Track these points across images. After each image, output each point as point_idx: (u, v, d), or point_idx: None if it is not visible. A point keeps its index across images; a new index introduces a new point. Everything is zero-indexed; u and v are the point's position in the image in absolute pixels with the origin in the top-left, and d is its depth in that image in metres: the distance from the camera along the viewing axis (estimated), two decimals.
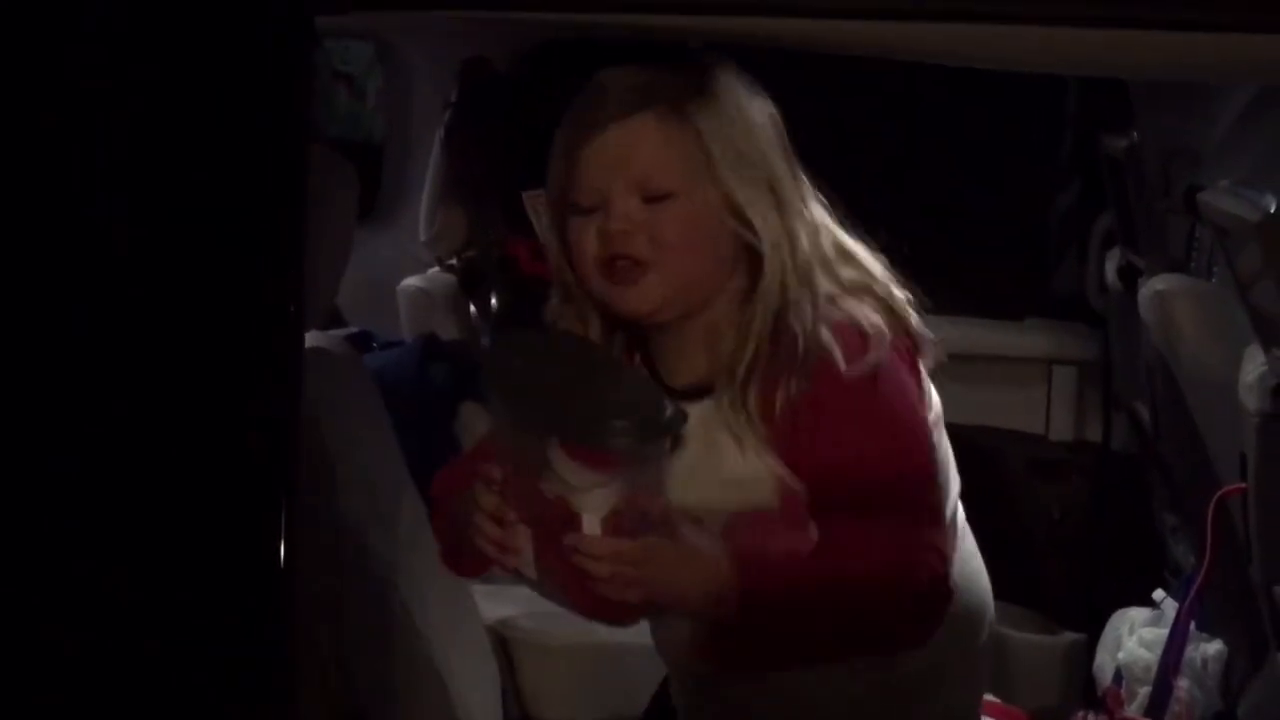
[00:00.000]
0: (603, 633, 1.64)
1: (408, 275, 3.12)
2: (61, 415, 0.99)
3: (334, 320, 2.12)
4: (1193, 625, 2.65)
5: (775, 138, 1.54)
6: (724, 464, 1.49)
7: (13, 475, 0.98)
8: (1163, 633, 2.70)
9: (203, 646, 1.03)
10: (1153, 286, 2.60)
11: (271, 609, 1.03)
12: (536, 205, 1.68)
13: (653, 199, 1.48)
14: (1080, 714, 2.89)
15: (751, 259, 1.50)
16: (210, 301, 1.02)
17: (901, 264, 1.60)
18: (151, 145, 1.02)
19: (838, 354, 1.46)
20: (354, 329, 2.83)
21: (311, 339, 1.83)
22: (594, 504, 1.38)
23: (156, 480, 1.01)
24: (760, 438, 1.47)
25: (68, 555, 1.01)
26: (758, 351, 1.47)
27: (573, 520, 1.38)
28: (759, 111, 1.53)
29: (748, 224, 1.49)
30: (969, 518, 3.43)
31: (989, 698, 3.10)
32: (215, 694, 1.04)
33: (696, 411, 1.48)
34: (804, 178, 1.55)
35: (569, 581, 1.41)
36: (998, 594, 3.39)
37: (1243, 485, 2.25)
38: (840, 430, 1.47)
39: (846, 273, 1.53)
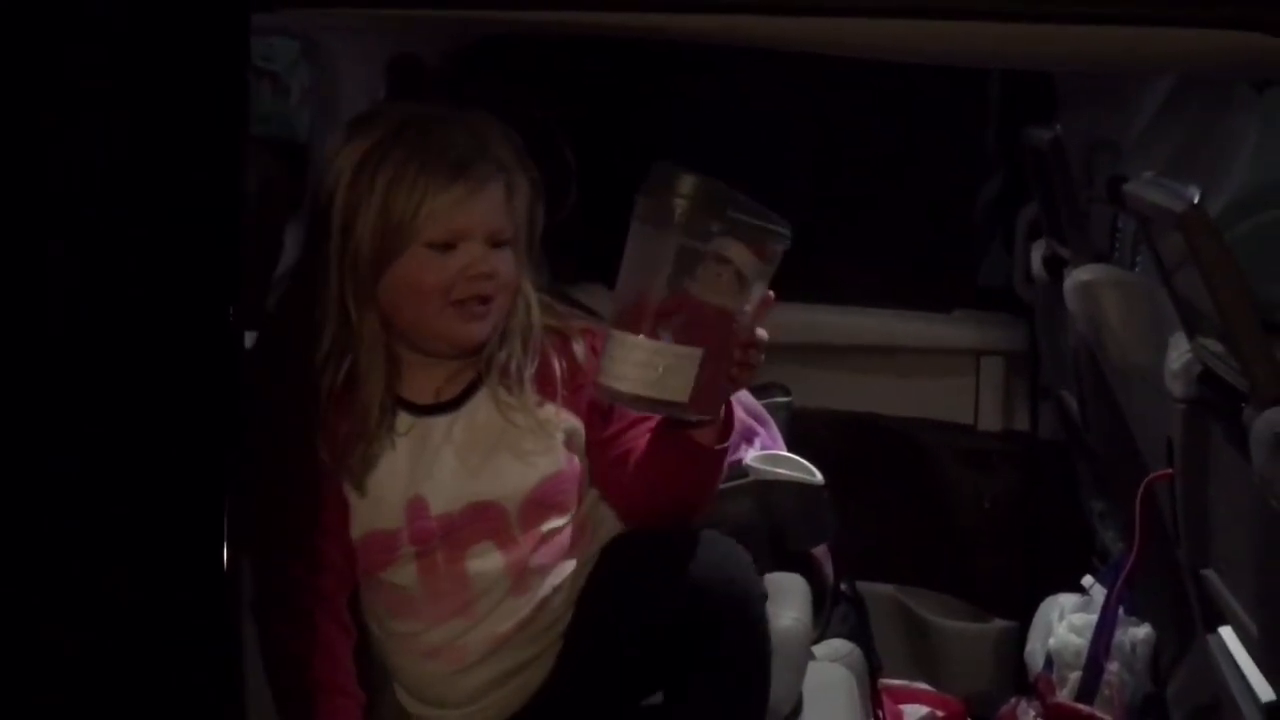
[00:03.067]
0: None
1: None
2: None
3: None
4: (1121, 610, 2.68)
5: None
6: (516, 439, 1.80)
7: None
8: (1092, 618, 2.73)
9: (143, 648, 1.02)
10: (1078, 277, 2.63)
11: (214, 610, 1.02)
12: None
13: (496, 245, 1.76)
14: (1013, 700, 2.92)
15: None
16: (147, 303, 1.01)
17: None
18: (85, 144, 1.01)
19: (588, 337, 1.86)
20: None
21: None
22: (745, 306, 1.61)
23: (94, 481, 1.00)
24: (541, 406, 1.81)
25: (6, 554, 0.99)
26: (525, 354, 1.81)
27: (729, 325, 1.60)
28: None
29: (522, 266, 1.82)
30: (900, 507, 3.48)
31: (923, 686, 3.14)
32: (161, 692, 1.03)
33: (464, 413, 1.80)
34: None
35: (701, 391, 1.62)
36: (930, 584, 3.46)
37: (1170, 471, 2.28)
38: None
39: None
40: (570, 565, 1.84)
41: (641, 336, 1.56)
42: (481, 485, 1.80)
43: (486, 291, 1.75)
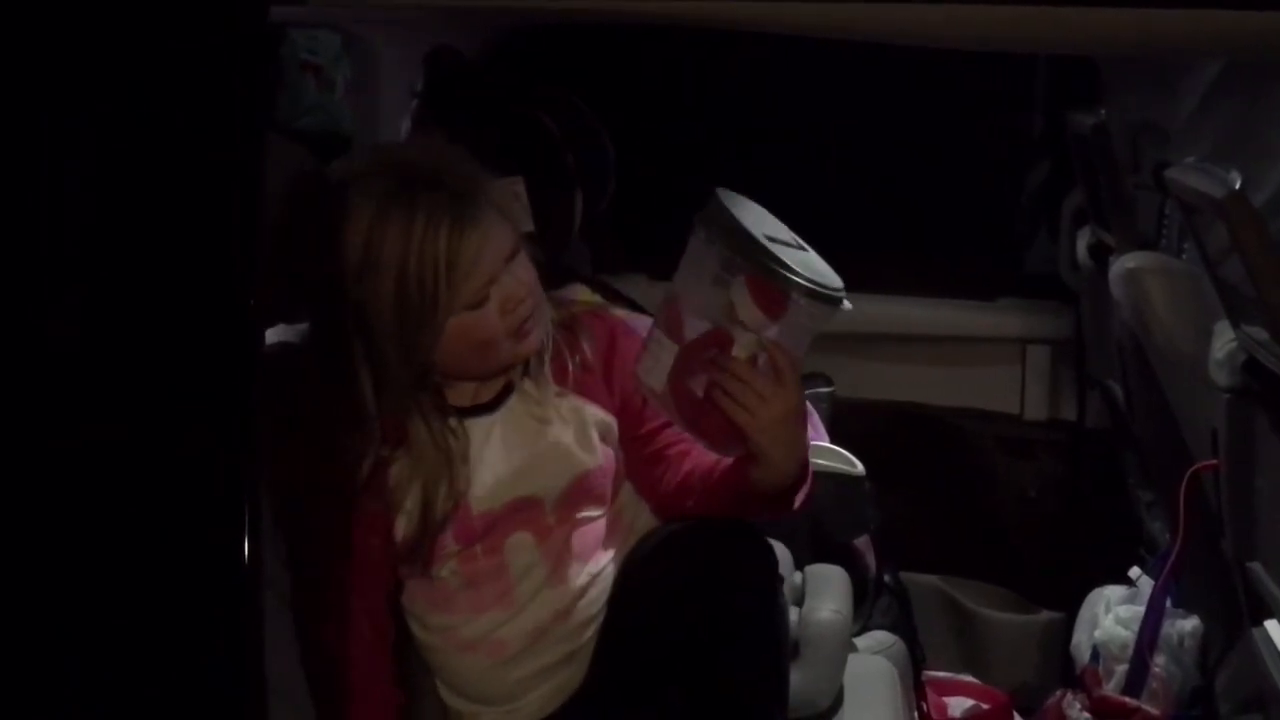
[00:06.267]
0: None
1: None
2: (11, 413, 0.97)
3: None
4: (1169, 602, 2.65)
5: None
6: (553, 436, 1.82)
7: None
8: (1139, 610, 2.70)
9: (164, 642, 1.02)
10: (1123, 264, 2.60)
11: (235, 610, 1.02)
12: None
13: (511, 259, 1.75)
14: (1058, 693, 2.89)
15: None
16: (164, 296, 1.01)
17: None
18: (105, 136, 1.01)
19: (594, 323, 1.88)
20: None
21: (281, 332, 1.82)
22: (749, 342, 1.63)
23: (113, 479, 1.00)
24: (564, 398, 1.83)
25: (24, 558, 0.99)
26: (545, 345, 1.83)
27: (725, 348, 1.64)
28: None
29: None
30: (945, 497, 3.46)
31: (968, 678, 3.12)
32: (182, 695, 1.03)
33: (502, 415, 1.82)
34: None
35: (694, 401, 1.66)
36: (974, 574, 3.44)
37: (1214, 461, 2.25)
38: (628, 354, 1.81)
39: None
40: (607, 558, 1.85)
41: (654, 327, 1.68)
42: (522, 483, 1.81)
43: (530, 309, 1.76)
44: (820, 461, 2.61)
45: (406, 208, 1.68)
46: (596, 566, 1.84)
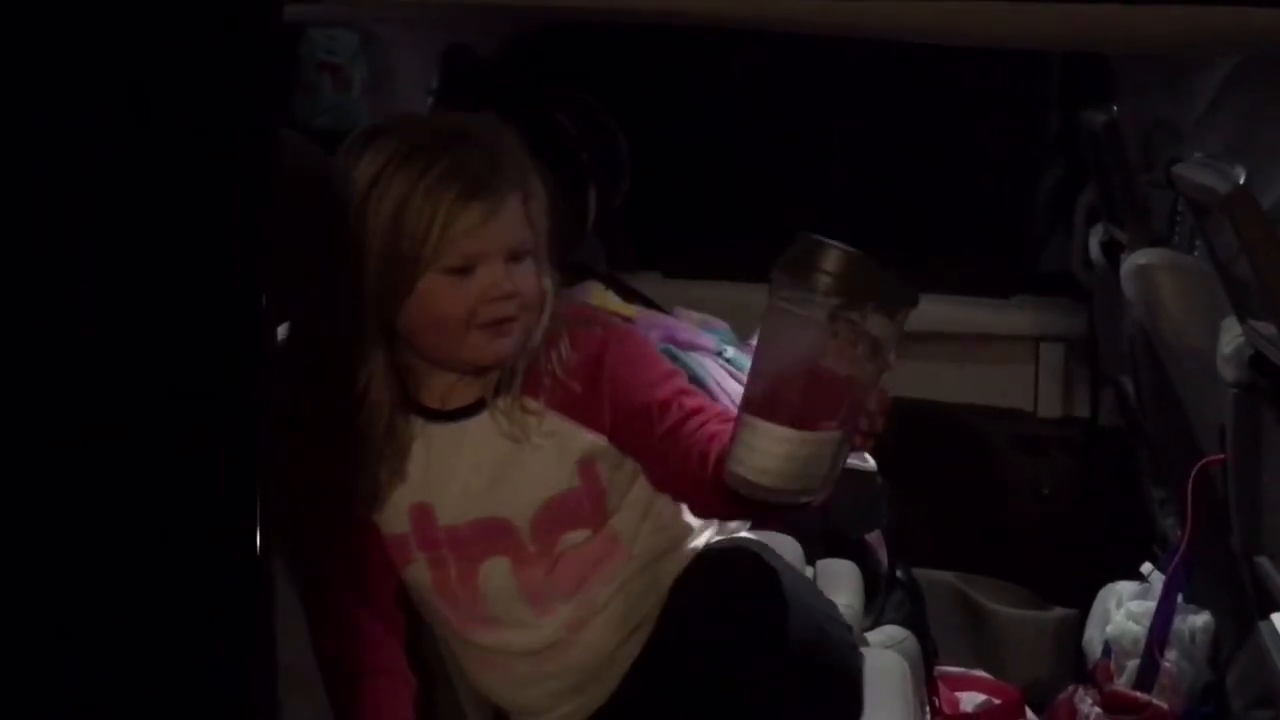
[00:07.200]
0: None
1: None
2: (20, 411, 0.98)
3: None
4: (1181, 597, 2.66)
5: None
6: (524, 456, 1.73)
7: None
8: (1151, 606, 2.70)
9: (171, 648, 1.03)
10: (1135, 261, 2.61)
11: (247, 617, 1.03)
12: None
13: (513, 260, 1.67)
14: (1070, 688, 2.90)
15: None
16: (177, 294, 1.02)
17: None
18: (108, 132, 1.02)
19: (581, 336, 1.75)
20: None
21: (281, 332, 1.83)
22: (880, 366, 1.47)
23: (124, 478, 1.01)
24: (544, 417, 1.73)
25: (25, 558, 1.00)
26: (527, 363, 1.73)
27: (855, 393, 1.46)
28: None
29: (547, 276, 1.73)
30: (958, 493, 3.47)
31: (980, 673, 3.13)
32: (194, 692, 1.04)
33: (472, 426, 1.74)
34: None
35: None
36: (987, 570, 3.44)
37: (1223, 456, 2.26)
38: (622, 362, 1.74)
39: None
40: (607, 591, 1.79)
41: (786, 428, 1.42)
42: (490, 503, 1.75)
43: (509, 313, 1.67)
44: None
45: (433, 153, 1.64)
46: (594, 597, 1.78)
